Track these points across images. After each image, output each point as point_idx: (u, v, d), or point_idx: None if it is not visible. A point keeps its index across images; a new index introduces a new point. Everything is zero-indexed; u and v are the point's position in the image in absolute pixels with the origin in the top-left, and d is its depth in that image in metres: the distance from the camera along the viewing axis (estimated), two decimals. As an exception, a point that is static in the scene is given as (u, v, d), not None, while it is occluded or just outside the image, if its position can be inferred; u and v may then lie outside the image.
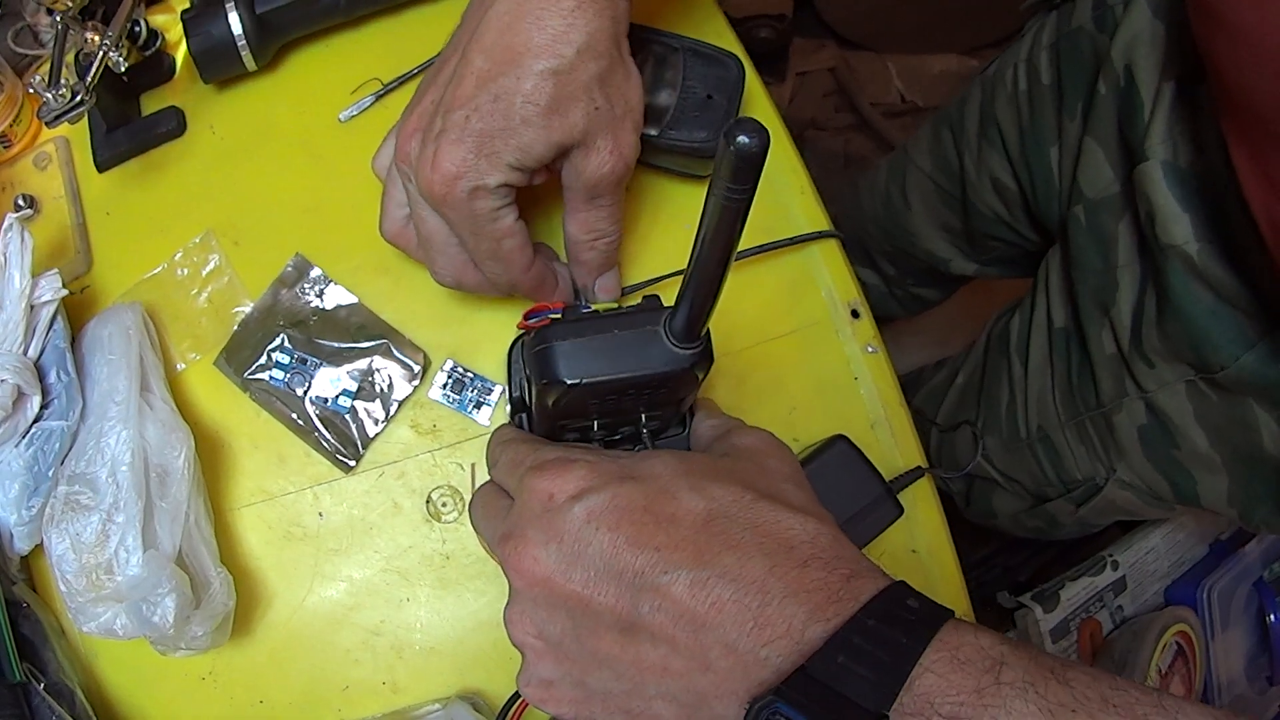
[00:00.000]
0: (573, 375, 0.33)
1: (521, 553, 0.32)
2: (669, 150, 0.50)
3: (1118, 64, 0.60)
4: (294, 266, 0.53)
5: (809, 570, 0.30)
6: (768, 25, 1.37)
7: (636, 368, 0.33)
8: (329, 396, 0.52)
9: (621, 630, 0.31)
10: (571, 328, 0.34)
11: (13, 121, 0.54)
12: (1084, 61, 0.64)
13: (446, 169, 0.40)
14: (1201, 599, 0.96)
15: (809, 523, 0.31)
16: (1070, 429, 0.70)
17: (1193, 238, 0.54)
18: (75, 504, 0.45)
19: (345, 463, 0.52)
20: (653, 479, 0.32)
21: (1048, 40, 0.68)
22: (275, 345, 0.52)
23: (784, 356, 0.53)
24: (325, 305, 0.53)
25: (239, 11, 0.51)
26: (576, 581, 0.31)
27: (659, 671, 0.30)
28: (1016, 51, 0.72)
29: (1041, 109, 0.69)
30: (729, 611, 0.29)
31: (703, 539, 0.30)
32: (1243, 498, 0.60)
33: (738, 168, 0.25)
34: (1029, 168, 0.71)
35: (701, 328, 0.33)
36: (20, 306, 0.46)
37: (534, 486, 0.33)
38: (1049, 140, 0.68)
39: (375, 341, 0.52)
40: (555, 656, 0.33)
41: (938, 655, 0.27)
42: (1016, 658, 0.27)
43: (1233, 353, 0.54)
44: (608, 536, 0.31)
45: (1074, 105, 0.65)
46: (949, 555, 0.52)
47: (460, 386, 0.52)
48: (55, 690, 0.46)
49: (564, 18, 0.39)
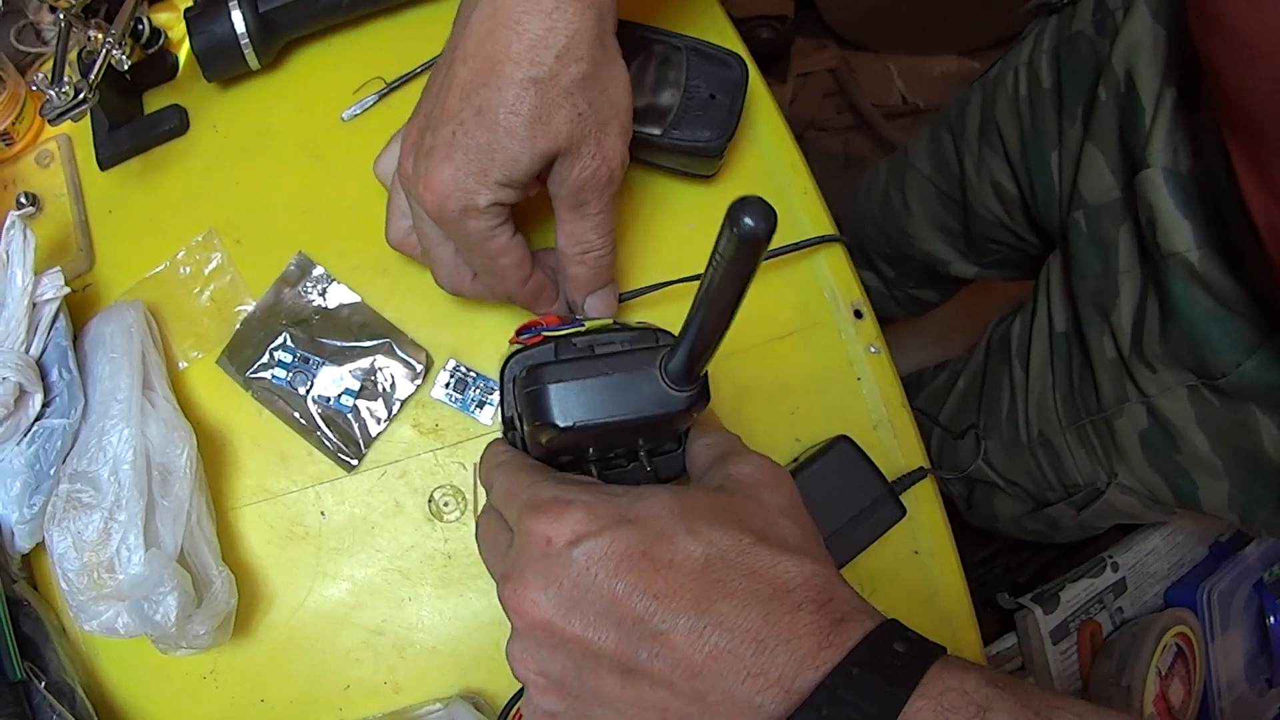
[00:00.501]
0: (566, 419, 0.33)
1: (521, 595, 0.32)
2: (672, 150, 0.50)
3: (1118, 69, 0.60)
4: (296, 265, 0.53)
5: (801, 614, 0.30)
6: (769, 26, 1.37)
7: (631, 410, 0.33)
8: (331, 395, 0.52)
9: (622, 673, 0.31)
10: (565, 369, 0.34)
11: (15, 119, 0.54)
12: (1084, 66, 0.64)
13: (437, 188, 0.40)
14: (1201, 601, 0.96)
15: (805, 564, 0.32)
16: (1071, 433, 0.70)
17: (1194, 244, 0.54)
18: (77, 502, 0.45)
19: (347, 462, 0.51)
20: (650, 521, 0.32)
21: (1048, 45, 0.68)
22: (278, 344, 0.52)
23: (786, 357, 0.53)
24: (328, 304, 0.53)
25: (242, 10, 0.51)
26: (576, 625, 0.31)
27: (659, 711, 0.31)
28: (1017, 55, 0.72)
29: (1042, 113, 0.69)
30: (725, 660, 0.30)
31: (700, 586, 0.31)
32: (1244, 501, 0.60)
33: (740, 250, 0.24)
34: (1029, 172, 0.71)
35: (699, 371, 0.33)
36: (22, 304, 0.46)
37: (531, 529, 0.33)
38: (1049, 145, 0.68)
39: (378, 340, 0.52)
40: (558, 693, 0.33)
41: (922, 704, 0.28)
42: (1002, 701, 0.27)
43: (1234, 358, 0.54)
44: (607, 582, 0.31)
45: (1074, 110, 0.65)
46: (951, 556, 0.52)
47: (463, 386, 0.52)
48: (56, 689, 0.46)
49: (543, 20, 0.38)
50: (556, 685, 0.33)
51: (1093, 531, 0.85)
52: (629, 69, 0.50)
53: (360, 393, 0.52)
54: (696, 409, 0.34)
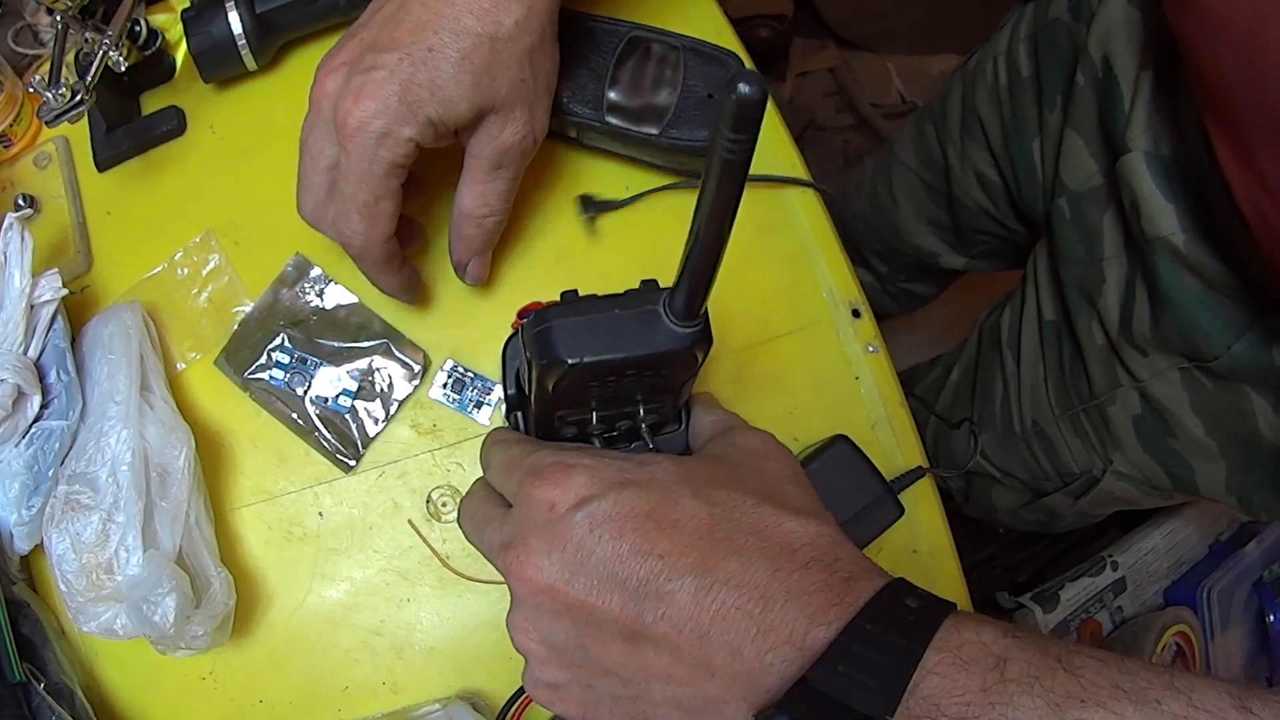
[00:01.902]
0: (573, 354, 0.33)
1: (524, 561, 0.32)
2: (669, 150, 0.50)
3: (1095, 54, 0.59)
4: (294, 266, 0.53)
5: (810, 572, 0.30)
6: (767, 25, 1.37)
7: (637, 347, 0.33)
8: (329, 396, 0.52)
9: (626, 638, 0.30)
10: (571, 308, 0.34)
11: (13, 121, 0.54)
12: (1062, 52, 0.64)
13: (367, 106, 0.40)
14: (1201, 599, 0.96)
15: (810, 524, 0.31)
16: (1065, 422, 0.70)
17: (1178, 228, 0.53)
18: (75, 504, 0.45)
19: (345, 462, 0.51)
20: (654, 484, 0.32)
21: (1025, 32, 0.68)
22: (275, 345, 0.52)
23: (784, 356, 0.53)
24: (325, 305, 0.53)
25: (239, 11, 0.51)
26: (580, 590, 0.31)
27: (664, 678, 0.30)
28: (995, 44, 0.72)
29: (1022, 101, 0.69)
30: (733, 618, 0.29)
31: (706, 545, 0.30)
32: (1240, 484, 0.60)
33: (739, 116, 0.25)
34: (1012, 161, 0.71)
35: (701, 305, 0.33)
36: (20, 306, 0.46)
37: (534, 494, 0.32)
38: (1030, 133, 0.68)
39: (375, 341, 0.52)
40: (560, 662, 0.32)
41: (940, 656, 0.27)
42: (1021, 651, 0.27)
43: (1224, 341, 0.54)
44: (611, 544, 0.30)
45: (1054, 97, 0.65)
46: (950, 555, 0.52)
47: (460, 386, 0.52)
48: (55, 690, 0.46)
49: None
50: (559, 654, 0.32)
51: (1092, 519, 0.85)
52: (625, 68, 0.50)
53: (358, 393, 0.52)
54: (700, 348, 0.34)
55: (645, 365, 0.34)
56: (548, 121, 0.45)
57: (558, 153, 0.55)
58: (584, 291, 0.36)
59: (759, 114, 0.25)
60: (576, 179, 0.55)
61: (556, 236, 0.54)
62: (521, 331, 0.37)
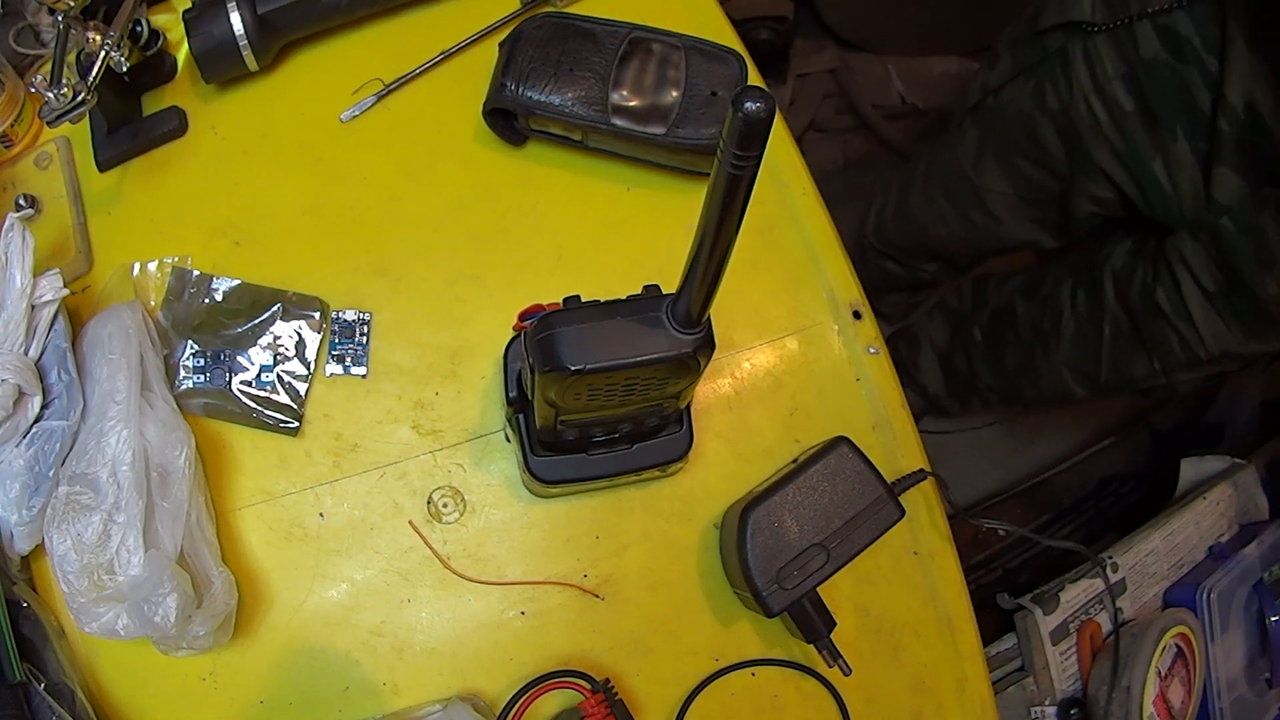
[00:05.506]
0: (576, 361, 0.33)
1: None
2: (676, 149, 0.50)
3: (1235, 103, 0.64)
4: (175, 277, 0.54)
5: None
6: (768, 27, 1.37)
7: (639, 354, 0.33)
8: (252, 377, 0.52)
9: None
10: (574, 314, 0.34)
11: (14, 121, 0.54)
12: (1168, 89, 0.69)
13: None
14: (1201, 601, 0.96)
15: None
16: None
17: None
18: (76, 504, 0.45)
19: (289, 425, 0.52)
20: None
21: (1114, 71, 0.72)
22: (183, 355, 0.52)
23: (786, 358, 0.53)
24: (216, 298, 0.53)
25: (240, 11, 0.51)
26: None
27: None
28: (1071, 82, 0.75)
29: (1132, 133, 0.73)
30: None
31: None
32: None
33: (745, 134, 0.25)
34: (1136, 183, 0.75)
35: (704, 313, 0.33)
36: (21, 306, 0.46)
37: None
38: (1149, 155, 0.72)
39: (269, 310, 0.53)
40: None
41: None
42: None
43: None
44: None
45: (1171, 125, 0.70)
46: (950, 557, 0.52)
47: (350, 333, 0.54)
48: (55, 690, 0.46)
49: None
50: None
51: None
52: (628, 69, 0.50)
53: (276, 361, 0.53)
54: (702, 354, 0.34)
55: (647, 369, 0.34)
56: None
57: (560, 153, 0.55)
58: (585, 295, 0.36)
59: (765, 131, 0.25)
60: (581, 179, 0.55)
61: (557, 236, 0.54)
62: (524, 336, 0.37)
